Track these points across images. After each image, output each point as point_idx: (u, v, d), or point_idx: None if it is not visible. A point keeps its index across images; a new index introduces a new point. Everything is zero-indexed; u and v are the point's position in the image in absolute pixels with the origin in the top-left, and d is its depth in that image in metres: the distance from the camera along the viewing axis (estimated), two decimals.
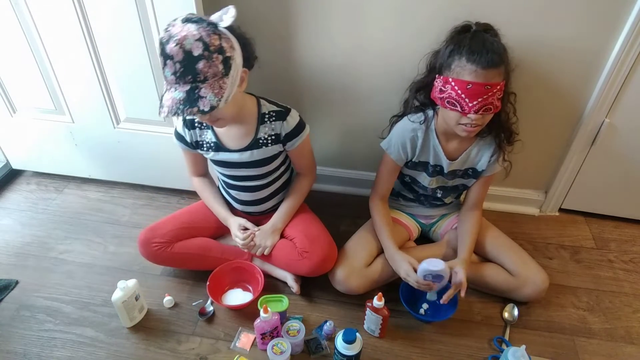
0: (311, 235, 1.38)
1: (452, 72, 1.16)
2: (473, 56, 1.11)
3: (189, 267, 1.47)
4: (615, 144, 1.53)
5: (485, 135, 1.31)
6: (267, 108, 1.29)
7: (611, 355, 1.29)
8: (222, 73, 1.04)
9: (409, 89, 1.35)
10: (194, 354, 1.26)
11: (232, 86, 1.08)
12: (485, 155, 1.34)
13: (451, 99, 1.16)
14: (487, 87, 1.11)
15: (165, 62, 1.01)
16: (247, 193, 1.41)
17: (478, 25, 1.20)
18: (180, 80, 1.02)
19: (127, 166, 1.78)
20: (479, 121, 1.17)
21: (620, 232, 1.70)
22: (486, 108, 1.14)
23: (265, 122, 1.28)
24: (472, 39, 1.15)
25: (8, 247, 1.59)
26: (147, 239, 1.37)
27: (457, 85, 1.14)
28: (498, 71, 1.12)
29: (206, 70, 1.01)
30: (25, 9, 1.41)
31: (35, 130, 1.74)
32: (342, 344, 1.14)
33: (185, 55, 0.99)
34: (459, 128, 1.21)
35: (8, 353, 1.25)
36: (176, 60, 0.99)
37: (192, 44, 0.99)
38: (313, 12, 1.39)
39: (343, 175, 1.80)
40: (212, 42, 1.01)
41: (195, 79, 1.01)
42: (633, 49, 1.31)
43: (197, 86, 1.02)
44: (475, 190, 1.43)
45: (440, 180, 1.41)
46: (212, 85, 1.03)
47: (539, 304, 1.41)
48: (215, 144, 1.30)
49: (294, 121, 1.29)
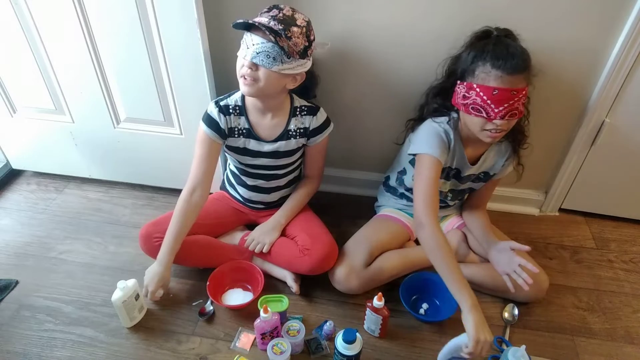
0: (312, 233, 1.40)
1: (476, 78, 1.15)
2: (498, 62, 1.11)
3: (189, 263, 1.47)
4: (615, 144, 1.53)
5: (502, 140, 1.30)
6: (300, 102, 1.36)
7: (611, 355, 1.29)
8: (298, 52, 1.17)
9: (426, 94, 1.35)
10: (194, 354, 1.26)
11: (290, 67, 1.18)
12: (500, 159, 1.35)
13: (476, 105, 1.15)
14: (513, 93, 1.11)
15: (270, 9, 1.16)
16: (260, 180, 1.43)
17: (498, 30, 1.20)
18: (273, 20, 1.13)
19: (127, 166, 1.78)
20: (504, 126, 1.17)
21: (620, 232, 1.70)
22: (512, 113, 1.14)
23: (297, 115, 1.34)
24: (496, 44, 1.15)
25: (8, 247, 1.59)
26: (148, 233, 1.37)
27: (482, 92, 1.13)
28: (523, 76, 1.13)
29: (295, 34, 1.14)
30: (25, 8, 1.41)
31: (35, 130, 1.74)
32: (342, 344, 1.14)
33: (291, 15, 1.16)
34: (484, 134, 1.19)
35: (8, 353, 1.25)
36: (283, 12, 1.15)
37: (299, 18, 1.17)
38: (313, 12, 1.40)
39: (343, 175, 1.80)
40: (310, 30, 1.19)
41: (285, 30, 1.13)
42: (633, 49, 1.31)
43: (282, 35, 1.13)
44: (482, 191, 1.44)
45: (453, 184, 1.41)
46: (290, 46, 1.14)
47: (539, 304, 1.41)
48: (248, 130, 1.33)
49: (322, 117, 1.37)
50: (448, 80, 1.26)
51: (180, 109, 1.55)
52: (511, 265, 1.25)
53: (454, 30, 1.30)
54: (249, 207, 1.53)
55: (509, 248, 1.28)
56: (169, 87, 1.50)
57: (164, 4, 1.32)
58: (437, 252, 1.17)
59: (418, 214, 1.20)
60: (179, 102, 1.53)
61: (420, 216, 1.19)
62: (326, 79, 1.48)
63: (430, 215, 1.18)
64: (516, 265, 1.24)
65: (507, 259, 1.27)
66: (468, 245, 1.47)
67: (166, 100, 1.54)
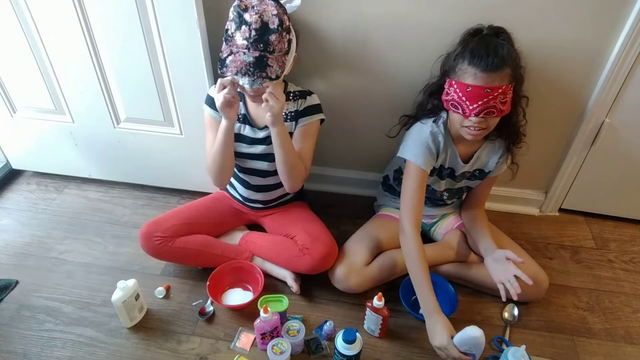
0: (312, 232, 1.40)
1: (456, 74, 1.17)
2: (474, 59, 1.12)
3: (189, 263, 1.47)
4: (615, 144, 1.53)
5: (494, 138, 1.31)
6: (293, 88, 1.36)
7: (611, 355, 1.29)
8: (286, 51, 1.15)
9: (423, 92, 1.35)
10: (194, 354, 1.26)
11: (287, 64, 1.18)
12: (494, 157, 1.34)
13: (454, 102, 1.17)
14: (486, 91, 1.11)
15: (239, 27, 1.10)
16: (258, 177, 1.42)
17: (490, 28, 1.20)
18: (251, 47, 1.10)
19: (127, 166, 1.78)
20: (482, 124, 1.17)
21: (620, 232, 1.70)
22: (488, 111, 1.14)
23: (289, 99, 1.34)
24: (478, 42, 1.15)
25: (8, 247, 1.59)
26: (148, 233, 1.37)
27: (458, 88, 1.15)
28: (500, 75, 1.11)
29: (276, 43, 1.11)
30: (25, 8, 1.41)
31: (35, 130, 1.74)
32: (342, 344, 1.14)
33: (262, 25, 1.09)
34: (464, 131, 1.21)
35: (8, 353, 1.25)
36: (253, 27, 1.08)
37: (270, 18, 1.10)
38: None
39: (343, 175, 1.80)
40: (284, 20, 1.13)
41: (266, 48, 1.10)
42: (633, 49, 1.31)
43: (266, 56, 1.10)
44: (479, 190, 1.44)
45: (448, 183, 1.41)
46: (277, 58, 1.13)
47: (539, 304, 1.41)
48: (244, 116, 1.34)
49: (313, 100, 1.36)
50: (442, 78, 1.26)
51: (180, 109, 1.55)
52: (506, 274, 1.25)
53: (453, 25, 1.28)
54: (249, 206, 1.53)
55: (504, 257, 1.27)
56: (169, 87, 1.50)
57: (164, 4, 1.32)
58: (412, 257, 1.25)
59: (401, 219, 1.29)
60: (179, 102, 1.53)
61: (402, 222, 1.28)
62: (323, 77, 1.48)
63: (411, 222, 1.26)
64: (511, 276, 1.24)
65: (502, 268, 1.27)
66: (468, 246, 1.47)
67: (166, 100, 1.54)
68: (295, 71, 1.50)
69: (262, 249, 1.46)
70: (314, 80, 1.54)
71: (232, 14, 1.11)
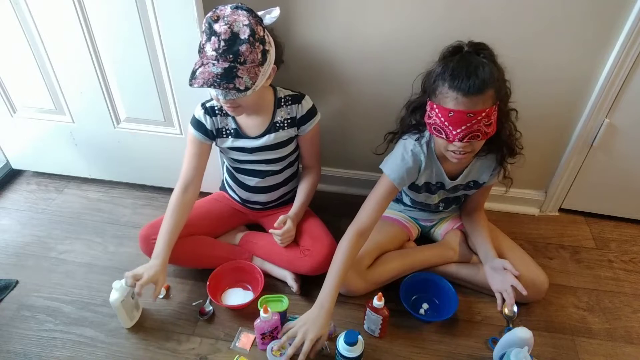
0: (313, 233, 1.40)
1: (436, 98, 1.10)
2: (454, 82, 1.04)
3: (188, 264, 1.47)
4: (615, 144, 1.53)
5: (484, 154, 1.27)
6: (283, 93, 1.35)
7: (611, 355, 1.29)
8: (259, 62, 1.12)
9: (405, 107, 1.30)
10: (194, 354, 1.26)
11: (263, 77, 1.15)
12: (486, 171, 1.32)
13: (437, 126, 1.11)
14: (469, 115, 1.05)
15: (209, 38, 1.08)
16: (258, 179, 1.42)
17: (470, 45, 1.11)
18: (220, 58, 1.08)
19: (127, 166, 1.78)
20: (468, 148, 1.12)
21: (620, 232, 1.70)
22: (472, 136, 1.08)
23: (282, 105, 1.33)
24: (458, 62, 1.07)
25: (8, 247, 1.59)
26: (147, 235, 1.37)
27: (440, 113, 1.09)
28: (482, 97, 1.04)
29: (247, 54, 1.08)
30: (25, 8, 1.41)
31: (35, 130, 1.74)
32: (344, 346, 1.13)
33: (232, 35, 1.07)
34: (449, 154, 1.17)
35: (8, 353, 1.25)
36: (222, 38, 1.06)
37: (241, 28, 1.07)
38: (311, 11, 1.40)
39: (343, 175, 1.80)
40: (257, 31, 1.10)
41: (236, 59, 1.08)
42: (633, 49, 1.31)
43: (236, 67, 1.08)
44: (477, 195, 1.43)
45: (442, 194, 1.40)
46: (248, 69, 1.10)
47: (539, 304, 1.41)
48: (235, 130, 1.34)
49: (308, 105, 1.35)
50: (424, 96, 1.19)
51: (180, 109, 1.55)
52: (504, 284, 1.26)
53: (445, 42, 1.19)
54: (248, 207, 1.53)
55: (502, 267, 1.28)
56: (169, 87, 1.50)
57: (164, 4, 1.32)
58: (336, 256, 1.25)
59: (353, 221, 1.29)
60: (179, 102, 1.53)
61: (352, 224, 1.28)
62: (320, 82, 1.48)
63: (357, 228, 1.26)
64: (508, 286, 1.25)
65: (500, 278, 1.28)
66: (468, 246, 1.46)
67: (166, 100, 1.54)
68: (294, 81, 1.51)
69: (262, 249, 1.46)
70: (314, 80, 1.54)
71: (204, 25, 1.09)
